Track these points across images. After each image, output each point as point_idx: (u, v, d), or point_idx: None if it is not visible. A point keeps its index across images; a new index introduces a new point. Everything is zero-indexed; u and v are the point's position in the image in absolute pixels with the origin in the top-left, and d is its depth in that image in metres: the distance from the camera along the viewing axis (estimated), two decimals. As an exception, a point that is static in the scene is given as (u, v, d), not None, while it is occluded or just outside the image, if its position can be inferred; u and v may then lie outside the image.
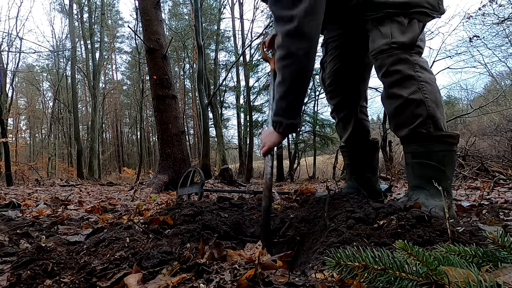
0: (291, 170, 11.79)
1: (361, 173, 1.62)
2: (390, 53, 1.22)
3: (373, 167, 1.63)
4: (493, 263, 0.55)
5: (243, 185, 6.13)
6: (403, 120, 1.24)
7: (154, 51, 4.92)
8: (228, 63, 19.88)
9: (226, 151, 15.23)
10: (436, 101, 1.19)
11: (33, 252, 0.80)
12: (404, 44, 1.20)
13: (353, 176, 1.65)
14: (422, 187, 1.22)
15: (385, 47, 1.23)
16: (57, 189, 4.93)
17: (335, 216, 1.09)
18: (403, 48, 1.21)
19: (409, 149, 1.26)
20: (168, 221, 1.21)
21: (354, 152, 1.64)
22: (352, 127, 1.58)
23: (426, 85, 1.19)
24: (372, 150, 1.64)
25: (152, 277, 0.70)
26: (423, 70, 1.21)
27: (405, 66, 1.20)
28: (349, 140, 1.63)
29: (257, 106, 13.22)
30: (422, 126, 1.20)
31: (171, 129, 4.87)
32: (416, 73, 1.20)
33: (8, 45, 14.54)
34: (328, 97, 1.63)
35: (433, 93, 1.20)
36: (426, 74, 1.21)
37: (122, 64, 28.80)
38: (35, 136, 24.97)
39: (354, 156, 1.65)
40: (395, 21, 1.22)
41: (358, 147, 1.62)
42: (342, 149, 1.73)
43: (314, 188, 3.11)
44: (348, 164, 1.69)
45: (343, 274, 0.53)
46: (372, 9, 1.25)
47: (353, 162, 1.66)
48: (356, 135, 1.60)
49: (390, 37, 1.21)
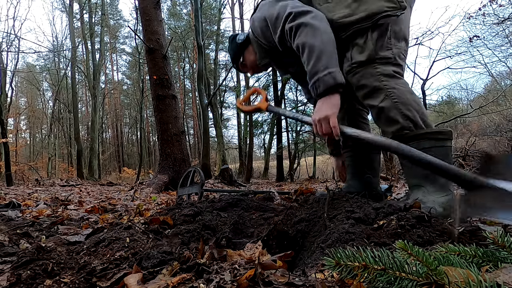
0: (291, 170, 11.80)
1: (361, 174, 1.62)
2: (354, 72, 1.35)
3: (373, 168, 1.63)
4: (493, 263, 0.55)
5: (243, 185, 6.13)
6: (384, 125, 1.32)
7: (154, 51, 4.92)
8: (228, 63, 19.88)
9: (226, 151, 15.24)
10: (407, 103, 1.26)
11: (33, 252, 0.80)
12: (362, 62, 1.32)
13: (354, 177, 1.65)
14: (419, 185, 1.24)
15: (348, 69, 1.37)
16: (57, 189, 4.93)
17: (335, 216, 1.09)
18: (363, 65, 1.32)
19: None
20: (168, 221, 1.21)
21: (355, 153, 1.65)
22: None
23: (393, 91, 1.27)
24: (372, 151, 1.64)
25: (152, 277, 0.70)
26: (388, 77, 1.30)
27: (369, 80, 1.31)
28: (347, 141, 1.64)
29: (257, 106, 13.20)
30: (403, 129, 1.25)
31: (171, 129, 4.87)
32: (381, 82, 1.29)
33: (7, 45, 14.55)
34: None
35: (403, 96, 1.27)
36: (391, 81, 1.29)
37: (123, 64, 28.82)
38: (35, 136, 24.97)
39: (354, 157, 1.65)
40: (355, 44, 1.34)
41: (359, 148, 1.62)
42: (344, 149, 1.73)
43: (314, 188, 3.11)
44: (349, 165, 1.70)
45: (343, 274, 0.53)
46: (343, 29, 1.35)
47: (353, 163, 1.66)
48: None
49: (351, 59, 1.35)
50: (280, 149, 11.67)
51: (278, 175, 11.32)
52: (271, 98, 12.65)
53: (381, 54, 1.30)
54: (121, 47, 26.26)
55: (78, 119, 14.72)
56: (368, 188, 1.57)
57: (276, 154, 12.12)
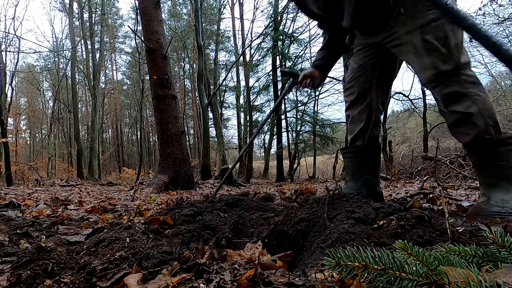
0: (291, 170, 11.79)
1: (360, 175, 1.62)
2: (439, 83, 1.31)
3: (374, 169, 1.64)
4: (493, 263, 0.55)
5: (243, 185, 6.13)
6: (465, 130, 1.32)
7: (154, 51, 4.92)
8: (228, 63, 19.91)
9: (226, 151, 15.23)
10: (490, 109, 1.28)
11: (33, 252, 0.80)
12: (448, 71, 1.29)
13: (353, 178, 1.65)
14: (497, 184, 1.27)
15: (432, 78, 1.32)
16: (57, 189, 4.93)
17: (335, 216, 1.09)
18: (450, 74, 1.29)
19: (476, 154, 1.33)
20: (168, 221, 1.21)
21: (357, 153, 1.64)
22: (361, 126, 1.61)
23: (478, 98, 1.28)
24: (375, 152, 1.64)
25: (152, 277, 0.70)
26: (472, 84, 1.30)
27: (455, 87, 1.29)
28: (356, 139, 1.64)
29: (257, 106, 13.22)
30: (484, 133, 1.27)
31: (171, 129, 4.87)
32: (467, 89, 1.28)
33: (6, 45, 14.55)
34: (346, 94, 1.68)
35: (485, 102, 1.29)
36: (475, 87, 1.29)
37: (122, 64, 28.82)
38: (35, 136, 24.98)
39: (353, 158, 1.65)
40: (435, 50, 1.29)
41: (362, 147, 1.62)
42: (344, 150, 1.73)
43: (314, 188, 3.11)
44: (348, 166, 1.69)
45: (343, 274, 0.53)
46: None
47: (354, 163, 1.65)
48: (363, 134, 1.61)
49: (435, 68, 1.30)
50: (280, 149, 11.67)
51: (278, 175, 11.32)
52: (271, 98, 12.66)
53: (462, 60, 1.30)
54: (120, 47, 26.29)
55: (78, 119, 14.71)
56: (368, 189, 1.57)
57: (276, 154, 12.12)
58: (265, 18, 14.02)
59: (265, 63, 12.89)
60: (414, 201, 1.38)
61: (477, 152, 1.32)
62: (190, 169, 5.00)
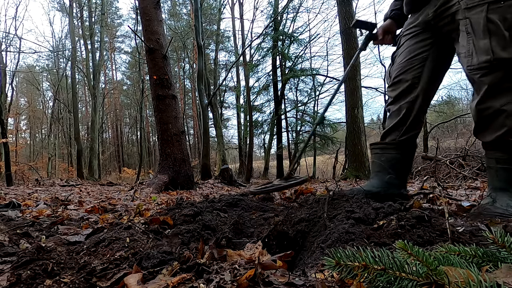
0: (291, 170, 11.79)
1: (384, 173, 1.53)
2: (490, 71, 1.19)
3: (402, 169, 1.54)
4: (493, 263, 0.55)
5: (243, 185, 6.13)
6: (491, 127, 1.26)
7: (154, 51, 4.92)
8: (228, 63, 19.92)
9: (226, 151, 15.23)
10: None
11: (33, 252, 0.80)
12: (505, 60, 1.15)
13: (376, 176, 1.56)
14: (506, 189, 1.25)
15: (484, 65, 1.19)
16: (57, 189, 4.93)
17: (335, 216, 1.09)
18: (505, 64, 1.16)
19: (494, 155, 1.29)
20: (168, 221, 1.21)
21: (384, 150, 1.55)
22: (395, 122, 1.51)
23: None
24: (407, 151, 1.54)
25: (152, 277, 0.70)
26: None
27: (501, 80, 1.18)
28: (387, 134, 1.55)
29: (257, 106, 13.22)
30: (509, 135, 1.22)
31: (171, 129, 4.87)
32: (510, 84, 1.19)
33: (6, 45, 14.55)
34: (391, 89, 1.56)
35: None
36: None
37: (122, 64, 28.82)
38: (35, 136, 24.98)
39: (380, 155, 1.56)
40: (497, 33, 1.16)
41: (392, 144, 1.53)
42: (373, 145, 1.62)
43: (314, 188, 3.11)
44: (374, 162, 1.59)
45: (343, 274, 0.53)
46: None
47: (380, 160, 1.55)
48: (397, 130, 1.52)
49: (492, 53, 1.17)
50: (280, 149, 11.68)
51: (278, 175, 11.33)
52: (271, 98, 12.67)
53: None
54: (120, 47, 26.29)
55: (78, 119, 14.72)
56: (390, 189, 1.49)
57: (276, 154, 12.13)
58: (265, 18, 14.02)
59: (265, 63, 12.91)
60: (414, 201, 1.38)
61: (495, 153, 1.28)
62: (190, 169, 5.00)
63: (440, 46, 1.44)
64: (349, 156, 7.54)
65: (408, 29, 1.52)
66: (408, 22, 1.54)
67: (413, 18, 1.51)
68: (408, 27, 1.52)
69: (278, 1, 11.92)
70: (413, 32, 1.50)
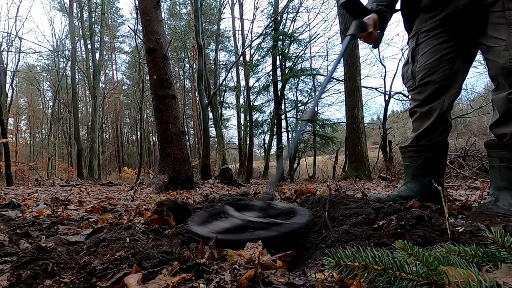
0: (291, 170, 11.79)
1: (423, 176, 1.50)
2: None
3: (439, 170, 1.52)
4: (493, 263, 0.55)
5: (243, 185, 6.13)
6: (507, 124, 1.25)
7: (154, 51, 4.92)
8: (228, 63, 19.91)
9: (226, 151, 15.23)
10: None
11: (33, 252, 0.79)
12: None
13: (413, 179, 1.54)
14: (509, 188, 1.25)
15: None
16: (57, 189, 4.93)
17: (335, 216, 1.09)
18: None
19: (497, 153, 1.29)
20: (170, 222, 1.21)
21: (420, 152, 1.52)
22: (429, 124, 1.48)
23: None
24: (442, 152, 1.52)
25: (152, 277, 0.70)
26: None
27: None
28: (421, 137, 1.51)
29: (257, 106, 13.23)
30: None
31: (171, 129, 4.87)
32: None
33: (7, 45, 14.55)
34: (417, 91, 1.51)
35: None
36: None
37: (122, 64, 28.82)
38: (35, 136, 24.98)
39: (419, 157, 1.52)
40: None
41: (428, 146, 1.50)
42: (405, 148, 1.60)
43: (314, 188, 3.11)
44: (409, 165, 1.56)
45: (343, 274, 0.53)
46: None
47: (416, 163, 1.53)
48: (431, 133, 1.49)
49: None
50: (280, 149, 11.68)
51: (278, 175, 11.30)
52: (271, 98, 12.67)
53: None
54: (120, 46, 26.30)
55: (78, 119, 14.71)
56: (431, 192, 1.44)
57: (276, 154, 12.13)
58: (265, 18, 14.02)
59: (265, 63, 12.92)
60: (414, 201, 1.38)
61: (499, 151, 1.27)
62: (190, 169, 5.00)
63: (465, 44, 1.40)
64: (349, 156, 7.55)
65: (428, 24, 1.45)
66: (426, 17, 1.46)
67: (433, 13, 1.43)
68: (428, 22, 1.45)
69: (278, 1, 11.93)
70: (435, 29, 1.43)
